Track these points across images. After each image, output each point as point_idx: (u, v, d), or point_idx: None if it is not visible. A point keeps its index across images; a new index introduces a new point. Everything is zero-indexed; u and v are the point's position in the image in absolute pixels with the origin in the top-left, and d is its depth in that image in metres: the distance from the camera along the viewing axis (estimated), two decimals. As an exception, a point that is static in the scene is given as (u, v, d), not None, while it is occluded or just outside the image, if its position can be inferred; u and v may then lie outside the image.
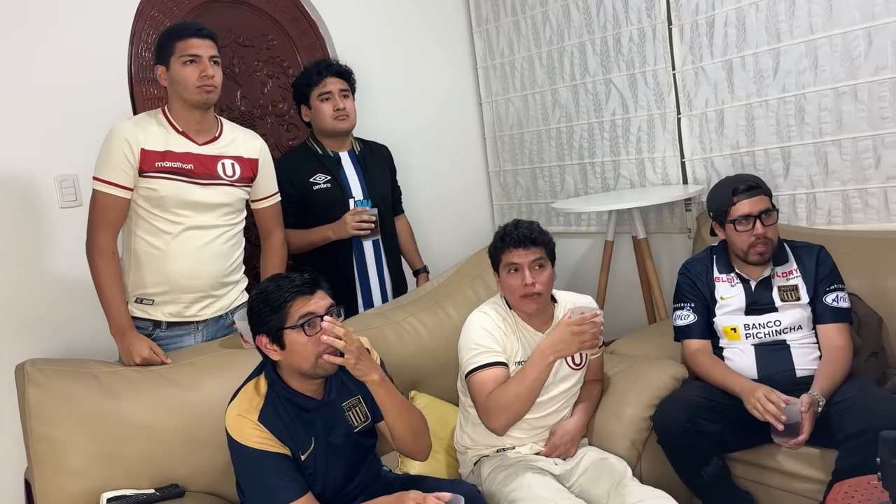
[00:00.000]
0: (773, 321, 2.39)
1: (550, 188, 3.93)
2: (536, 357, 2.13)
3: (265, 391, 1.91)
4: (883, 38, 2.66)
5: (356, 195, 2.91)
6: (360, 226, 2.75)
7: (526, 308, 2.23)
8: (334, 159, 2.94)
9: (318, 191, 2.86)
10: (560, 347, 2.11)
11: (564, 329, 2.11)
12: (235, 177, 2.45)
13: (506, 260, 2.22)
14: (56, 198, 2.76)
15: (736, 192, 2.39)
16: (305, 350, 1.84)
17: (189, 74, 2.32)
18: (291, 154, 3.01)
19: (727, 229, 2.42)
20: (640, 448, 2.33)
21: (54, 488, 1.98)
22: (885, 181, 2.77)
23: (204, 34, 2.36)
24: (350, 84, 2.95)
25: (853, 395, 2.15)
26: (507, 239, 2.22)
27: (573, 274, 3.86)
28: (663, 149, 3.39)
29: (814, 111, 2.88)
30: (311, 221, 2.84)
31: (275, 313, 1.85)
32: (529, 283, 2.17)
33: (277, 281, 1.90)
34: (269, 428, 1.85)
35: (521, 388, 2.12)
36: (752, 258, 2.39)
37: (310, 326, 1.84)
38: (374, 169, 3.02)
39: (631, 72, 3.43)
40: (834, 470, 2.07)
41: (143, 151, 2.30)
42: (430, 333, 2.64)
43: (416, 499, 1.80)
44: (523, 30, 3.86)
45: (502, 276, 2.25)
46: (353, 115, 2.92)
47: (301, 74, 2.97)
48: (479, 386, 2.17)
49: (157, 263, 2.34)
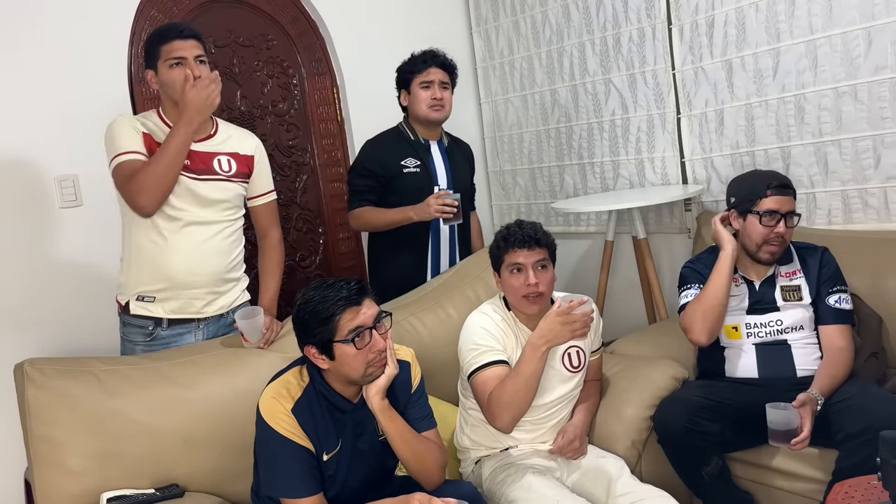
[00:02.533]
0: (774, 320, 2.39)
1: (550, 188, 3.93)
2: (528, 350, 2.10)
3: (305, 384, 1.91)
4: (883, 38, 2.66)
5: (441, 183, 3.01)
6: (443, 209, 2.80)
7: (527, 309, 2.22)
8: (425, 146, 3.02)
9: (407, 174, 2.95)
10: (550, 337, 2.08)
11: (554, 318, 2.08)
12: (232, 172, 2.45)
13: (509, 260, 2.21)
14: (56, 198, 2.76)
15: (770, 186, 2.36)
16: (355, 361, 1.84)
17: (176, 77, 2.32)
18: (384, 136, 3.07)
19: (748, 219, 2.40)
20: (640, 448, 2.33)
21: (54, 489, 1.97)
22: (885, 181, 2.77)
23: (186, 35, 2.35)
24: (452, 77, 3.03)
25: (853, 395, 2.15)
26: (510, 239, 2.21)
27: (573, 274, 3.86)
28: (663, 149, 3.39)
29: (813, 111, 2.88)
30: (396, 202, 2.91)
31: (324, 325, 1.82)
32: (533, 283, 2.16)
33: (323, 291, 1.86)
34: (300, 422, 1.85)
35: (518, 384, 2.10)
36: (763, 256, 2.38)
37: (359, 338, 1.83)
38: (458, 162, 3.13)
39: (630, 72, 3.43)
40: (834, 470, 2.07)
41: (146, 135, 2.31)
42: (430, 333, 2.63)
43: (421, 500, 1.80)
44: (523, 30, 3.86)
45: (504, 276, 2.24)
46: (448, 107, 3.01)
47: (407, 61, 3.04)
48: (482, 385, 2.16)
49: (157, 260, 2.34)
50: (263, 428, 1.86)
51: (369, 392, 1.90)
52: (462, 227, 3.09)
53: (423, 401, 2.08)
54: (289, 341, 2.30)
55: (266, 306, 2.50)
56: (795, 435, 2.09)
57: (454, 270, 2.91)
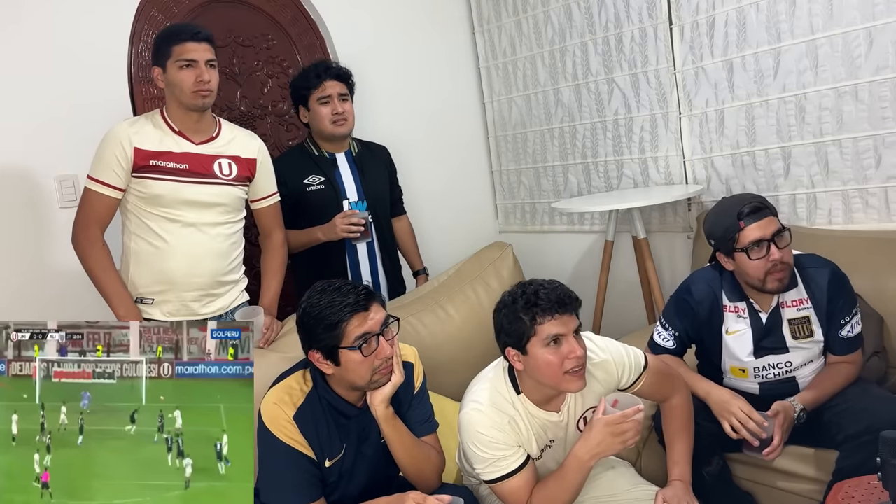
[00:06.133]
0: (784, 363, 2.24)
1: (554, 187, 3.93)
2: (573, 464, 1.82)
3: (308, 389, 1.89)
4: (883, 37, 2.65)
5: (351, 196, 2.90)
6: (349, 228, 2.74)
7: (573, 387, 1.83)
8: (329, 160, 2.93)
9: (311, 192, 2.86)
10: (600, 450, 1.80)
11: (602, 428, 1.79)
12: (232, 175, 2.45)
13: (544, 332, 1.79)
14: (56, 198, 2.76)
15: (742, 216, 2.12)
16: (361, 368, 1.82)
17: (185, 79, 2.33)
18: (287, 155, 3.01)
19: (737, 259, 2.17)
20: (640, 447, 2.33)
21: None
22: (886, 181, 2.76)
23: (200, 38, 2.36)
24: (349, 87, 2.93)
25: (853, 396, 2.14)
26: (542, 306, 1.79)
27: (573, 274, 3.86)
28: (666, 148, 3.39)
29: (814, 111, 2.87)
30: (306, 222, 2.83)
31: (330, 332, 1.79)
32: (580, 354, 1.80)
33: (330, 295, 1.82)
34: (301, 429, 1.84)
35: (565, 495, 1.85)
36: (771, 286, 2.14)
37: (366, 345, 1.80)
38: (371, 170, 3.01)
39: (633, 71, 3.43)
40: (834, 470, 2.06)
41: (137, 150, 2.31)
42: (430, 333, 2.64)
43: (416, 499, 1.80)
44: (525, 30, 3.86)
45: (535, 353, 1.81)
46: (351, 119, 2.91)
47: (299, 76, 2.95)
48: (511, 497, 1.90)
49: (155, 262, 2.35)
50: (264, 433, 1.85)
51: (374, 400, 1.87)
52: (385, 236, 3.00)
53: (425, 402, 2.06)
54: (289, 341, 2.30)
55: (266, 306, 2.50)
56: (768, 444, 2.08)
57: (454, 270, 2.91)
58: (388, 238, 3.06)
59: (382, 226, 2.99)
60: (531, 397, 1.93)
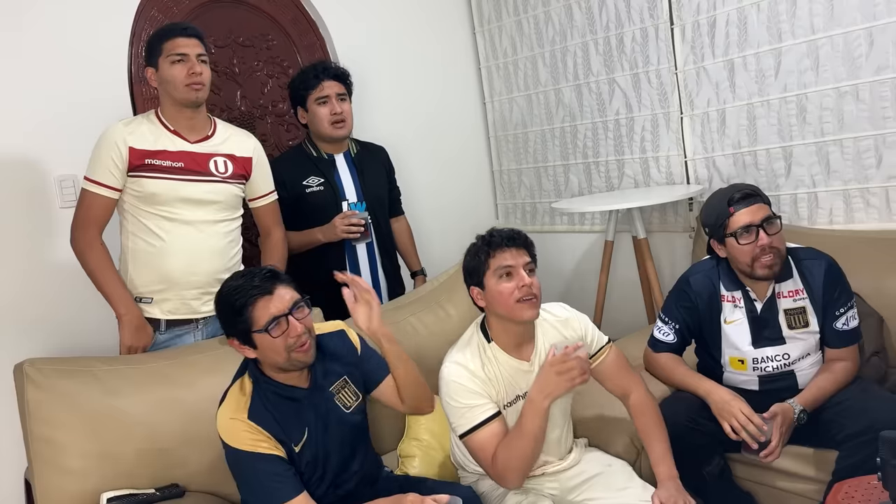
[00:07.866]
0: (781, 354, 2.25)
1: (555, 187, 3.93)
2: (529, 408, 1.93)
3: (251, 390, 1.92)
4: (884, 38, 2.66)
5: (350, 197, 2.90)
6: (349, 229, 2.75)
7: (525, 314, 1.98)
8: (328, 161, 2.93)
9: (310, 193, 2.86)
10: (549, 390, 1.90)
11: (548, 370, 1.91)
12: (227, 173, 2.46)
13: (496, 264, 1.97)
14: (56, 198, 2.76)
15: (732, 202, 2.20)
16: (276, 347, 1.85)
17: (177, 73, 2.35)
18: (285, 156, 3.01)
19: (728, 244, 2.24)
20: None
21: (54, 489, 1.98)
22: (887, 181, 2.76)
23: (190, 33, 2.39)
24: (347, 87, 2.93)
25: (853, 395, 2.14)
26: (494, 241, 1.99)
27: (574, 274, 3.86)
28: (667, 148, 3.39)
29: (815, 111, 2.87)
30: (305, 224, 2.83)
31: (239, 316, 1.85)
32: (528, 282, 1.95)
33: (236, 281, 1.89)
34: (261, 424, 1.85)
35: (525, 443, 1.93)
36: (760, 272, 2.18)
37: (276, 327, 1.84)
38: (369, 170, 3.00)
39: (634, 71, 3.43)
40: (834, 470, 2.06)
41: (132, 150, 2.33)
42: (429, 333, 2.63)
43: (414, 501, 1.80)
44: (526, 30, 3.85)
45: (490, 285, 1.99)
46: (349, 120, 2.91)
47: (297, 77, 2.94)
48: (480, 451, 1.98)
49: (154, 261, 2.36)
50: (230, 451, 1.87)
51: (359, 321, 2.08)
52: (383, 237, 3.00)
53: (374, 352, 2.15)
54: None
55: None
56: (766, 446, 2.09)
57: (454, 270, 2.91)
58: (388, 238, 3.06)
59: (382, 227, 2.99)
60: (500, 344, 2.06)
